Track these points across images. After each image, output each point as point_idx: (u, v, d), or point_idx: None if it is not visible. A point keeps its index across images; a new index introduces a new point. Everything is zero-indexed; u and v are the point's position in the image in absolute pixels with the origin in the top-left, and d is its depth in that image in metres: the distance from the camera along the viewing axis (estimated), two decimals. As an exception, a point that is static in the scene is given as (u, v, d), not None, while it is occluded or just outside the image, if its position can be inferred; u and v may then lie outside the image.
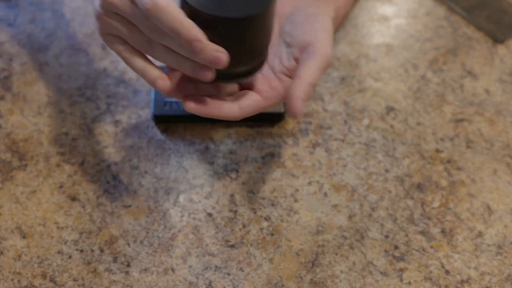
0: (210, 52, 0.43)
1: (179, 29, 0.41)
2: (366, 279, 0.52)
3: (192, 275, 0.52)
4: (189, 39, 0.42)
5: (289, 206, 0.56)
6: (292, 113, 0.47)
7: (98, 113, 0.62)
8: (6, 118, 0.61)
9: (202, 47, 0.42)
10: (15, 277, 0.52)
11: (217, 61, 0.43)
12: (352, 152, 0.60)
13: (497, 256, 0.54)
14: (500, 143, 0.61)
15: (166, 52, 0.45)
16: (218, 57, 0.43)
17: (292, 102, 0.47)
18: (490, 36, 0.70)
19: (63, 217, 0.55)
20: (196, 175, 0.58)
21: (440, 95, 0.64)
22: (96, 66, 0.65)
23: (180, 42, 0.43)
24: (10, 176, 0.57)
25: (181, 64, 0.45)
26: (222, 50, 0.43)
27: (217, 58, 0.43)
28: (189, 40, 0.42)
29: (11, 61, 0.65)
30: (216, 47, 0.43)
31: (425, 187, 0.58)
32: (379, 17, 0.71)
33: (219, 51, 0.43)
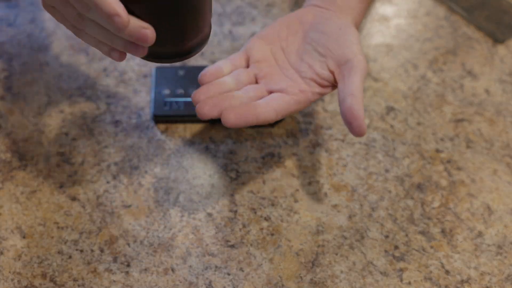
0: (134, 28, 0.42)
1: (98, 2, 0.40)
2: (366, 279, 0.52)
3: (192, 275, 0.52)
4: (108, 13, 0.40)
5: (289, 206, 0.56)
6: (359, 132, 0.49)
7: (98, 113, 0.62)
8: (6, 118, 0.61)
9: (122, 21, 0.40)
10: (15, 277, 0.52)
11: (143, 38, 0.42)
12: (352, 152, 0.60)
13: (497, 256, 0.54)
14: (500, 143, 0.61)
15: (96, 27, 0.44)
16: (144, 34, 0.42)
17: (358, 121, 0.48)
18: (490, 36, 0.70)
19: (63, 217, 0.55)
20: (196, 175, 0.58)
21: (440, 95, 0.65)
22: (96, 66, 0.65)
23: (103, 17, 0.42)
24: (10, 176, 0.57)
25: (112, 40, 0.44)
26: (148, 26, 0.42)
27: (143, 35, 0.42)
28: (108, 14, 0.40)
29: (11, 61, 0.65)
30: (140, 23, 0.42)
31: (425, 187, 0.58)
32: (379, 17, 0.71)
33: (144, 27, 0.42)
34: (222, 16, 0.70)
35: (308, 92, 0.52)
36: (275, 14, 0.71)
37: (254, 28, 0.69)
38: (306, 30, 0.54)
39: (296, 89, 0.52)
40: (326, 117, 0.62)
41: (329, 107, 0.63)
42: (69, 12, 0.45)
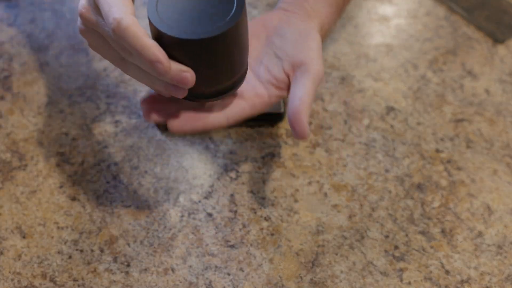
0: (175, 72, 0.43)
1: (140, 50, 0.42)
2: (366, 279, 0.52)
3: (192, 275, 0.52)
4: (150, 60, 0.42)
5: (289, 206, 0.56)
6: (301, 136, 0.48)
7: (98, 113, 0.62)
8: (6, 118, 0.61)
9: (163, 68, 0.42)
10: (15, 277, 0.52)
11: (183, 81, 0.44)
12: (352, 152, 0.60)
13: (497, 256, 0.54)
14: (500, 143, 0.61)
15: (138, 70, 0.46)
16: (184, 77, 0.44)
17: (301, 126, 0.48)
18: (490, 36, 0.70)
19: (63, 217, 0.55)
20: (196, 175, 0.58)
21: (440, 95, 0.65)
22: (96, 66, 0.65)
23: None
24: (10, 176, 0.57)
25: (153, 82, 0.46)
26: (187, 69, 0.44)
27: (183, 78, 0.44)
28: (150, 61, 0.42)
29: (11, 61, 0.65)
30: (181, 67, 0.44)
31: (425, 187, 0.58)
32: (379, 17, 0.71)
33: (184, 70, 0.44)
34: (222, 16, 0.70)
35: (265, 95, 0.52)
36: (275, 14, 0.71)
37: None
38: (269, 35, 0.54)
39: (252, 93, 0.52)
40: (326, 117, 0.62)
41: (329, 107, 0.63)
42: (113, 56, 0.46)
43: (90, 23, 0.45)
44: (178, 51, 0.44)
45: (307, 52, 0.52)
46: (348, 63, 0.67)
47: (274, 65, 0.53)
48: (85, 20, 0.45)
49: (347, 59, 0.67)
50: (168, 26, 0.43)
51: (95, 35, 0.46)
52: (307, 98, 0.49)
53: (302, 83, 0.50)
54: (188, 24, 0.43)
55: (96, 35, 0.46)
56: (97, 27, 0.45)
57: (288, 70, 0.52)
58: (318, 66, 0.51)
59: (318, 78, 0.51)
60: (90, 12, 0.45)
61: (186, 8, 0.44)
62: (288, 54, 0.52)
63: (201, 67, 0.45)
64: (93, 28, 0.46)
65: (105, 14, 0.42)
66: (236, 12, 0.44)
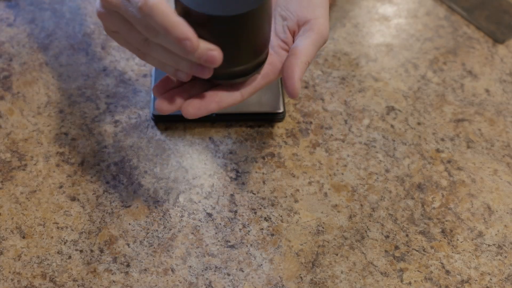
0: (203, 51, 0.42)
1: (169, 27, 0.41)
2: (366, 279, 0.52)
3: (192, 276, 0.52)
4: (178, 38, 0.41)
5: (289, 206, 0.56)
6: (291, 94, 0.47)
7: (98, 113, 0.62)
8: (6, 118, 0.61)
9: (192, 45, 0.41)
10: (15, 277, 0.52)
11: (211, 60, 0.43)
12: (352, 152, 0.60)
13: (497, 256, 0.54)
14: (500, 143, 0.61)
15: (163, 51, 0.45)
16: (212, 56, 0.43)
17: (291, 83, 0.47)
18: (490, 36, 0.70)
19: (63, 217, 0.55)
20: (196, 175, 0.58)
21: (441, 95, 0.64)
22: (96, 66, 0.65)
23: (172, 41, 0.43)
24: (10, 176, 0.57)
25: (178, 62, 0.45)
26: (215, 48, 0.43)
27: (211, 57, 0.43)
28: (179, 39, 0.41)
29: (11, 61, 0.65)
30: (208, 46, 0.43)
31: (425, 187, 0.58)
32: (380, 17, 0.71)
33: (211, 49, 0.43)
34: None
35: (276, 62, 0.50)
36: (275, 14, 0.71)
37: None
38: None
39: None
40: (326, 117, 0.62)
41: (329, 107, 0.63)
42: (135, 38, 0.45)
43: (113, 5, 0.44)
44: (206, 29, 0.43)
45: (313, 10, 0.50)
46: (348, 63, 0.66)
47: (280, 27, 0.51)
48: (107, 2, 0.44)
49: (347, 59, 0.67)
50: (196, 3, 0.43)
51: (116, 18, 0.45)
52: (304, 55, 0.48)
53: (303, 40, 0.48)
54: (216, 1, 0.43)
55: (117, 18, 0.45)
56: (120, 8, 0.44)
57: (293, 29, 0.50)
58: (322, 26, 0.49)
59: (321, 38, 0.49)
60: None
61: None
62: (292, 12, 0.50)
63: (228, 45, 0.44)
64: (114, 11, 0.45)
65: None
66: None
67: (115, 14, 0.46)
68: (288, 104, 0.63)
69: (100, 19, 0.47)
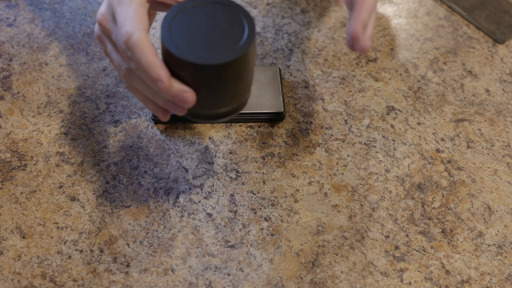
0: (176, 91, 0.44)
1: (145, 66, 0.43)
2: (366, 279, 0.52)
3: (192, 276, 0.52)
4: (152, 78, 0.43)
5: (289, 206, 0.56)
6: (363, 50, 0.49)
7: (98, 113, 0.61)
8: (6, 118, 0.61)
9: (164, 87, 0.43)
10: (15, 277, 0.52)
11: (184, 100, 0.45)
12: (352, 152, 0.60)
13: (497, 256, 0.54)
14: (500, 143, 0.61)
15: (142, 83, 0.47)
16: (185, 97, 0.44)
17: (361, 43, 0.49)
18: (490, 36, 0.70)
19: (63, 217, 0.55)
20: (196, 175, 0.58)
21: (441, 95, 0.64)
22: (96, 66, 0.65)
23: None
24: (10, 176, 0.57)
25: (154, 96, 0.47)
26: (188, 90, 0.44)
27: (184, 98, 0.44)
28: (152, 79, 0.43)
29: (11, 61, 0.65)
30: (182, 87, 0.44)
31: (425, 187, 0.58)
32: (380, 17, 0.71)
33: (185, 91, 0.44)
34: (222, 16, 0.70)
35: None
36: (275, 13, 0.71)
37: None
38: None
39: None
40: (326, 117, 0.62)
41: (329, 107, 0.63)
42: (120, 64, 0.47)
43: (106, 31, 0.47)
44: (182, 71, 0.44)
45: None
46: (348, 63, 0.66)
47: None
48: (102, 28, 0.47)
49: (348, 59, 0.67)
50: (176, 46, 0.44)
51: (109, 43, 0.48)
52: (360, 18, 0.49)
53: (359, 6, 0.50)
54: (197, 46, 0.44)
55: (110, 43, 0.48)
56: (111, 36, 0.46)
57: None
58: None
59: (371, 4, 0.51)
60: (107, 20, 0.46)
61: (199, 29, 0.45)
62: None
63: (202, 90, 0.45)
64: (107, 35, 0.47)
65: (119, 25, 0.44)
66: (245, 42, 0.44)
67: (108, 39, 0.48)
68: (288, 104, 0.63)
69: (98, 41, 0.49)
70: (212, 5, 0.46)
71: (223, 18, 0.45)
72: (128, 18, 0.44)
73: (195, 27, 0.45)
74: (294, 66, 0.66)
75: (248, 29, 0.45)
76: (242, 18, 0.45)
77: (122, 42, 0.44)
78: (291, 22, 0.70)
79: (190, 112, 0.48)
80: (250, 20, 0.45)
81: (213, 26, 0.45)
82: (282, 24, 0.70)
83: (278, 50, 0.67)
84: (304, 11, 0.71)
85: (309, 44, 0.68)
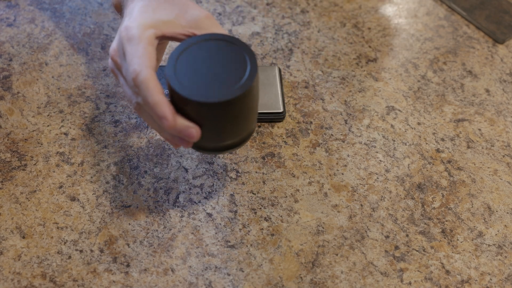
0: (181, 127, 0.46)
1: (151, 104, 0.45)
2: (366, 279, 0.52)
3: (192, 276, 0.52)
4: (157, 115, 0.45)
5: (289, 206, 0.56)
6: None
7: (98, 113, 0.61)
8: (6, 118, 0.61)
9: (168, 124, 0.45)
10: (15, 277, 0.52)
11: (189, 136, 0.46)
12: (352, 152, 0.60)
13: (497, 256, 0.54)
14: (500, 143, 0.61)
15: (150, 117, 0.48)
16: (190, 133, 0.46)
17: None
18: (490, 36, 0.70)
19: (63, 217, 0.55)
20: (196, 175, 0.58)
21: (441, 95, 0.64)
22: (96, 66, 0.65)
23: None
24: (10, 176, 0.57)
25: (161, 131, 0.48)
26: (193, 126, 0.46)
27: (189, 133, 0.46)
28: (158, 116, 0.45)
29: (11, 61, 0.65)
30: (187, 123, 0.46)
31: (425, 187, 0.58)
32: (380, 17, 0.71)
33: (190, 126, 0.46)
34: (222, 15, 0.70)
35: None
36: (275, 13, 0.71)
37: (254, 28, 0.69)
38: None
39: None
40: (326, 117, 0.62)
41: (329, 107, 0.63)
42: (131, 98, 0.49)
43: (117, 66, 0.48)
44: (187, 108, 0.46)
45: None
46: (348, 63, 0.66)
47: None
48: (114, 62, 0.49)
49: (348, 59, 0.67)
50: (181, 84, 0.45)
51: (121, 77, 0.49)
52: None
53: None
54: (201, 84, 0.45)
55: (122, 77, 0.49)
56: (122, 71, 0.48)
57: None
58: None
59: None
60: (118, 56, 0.48)
61: (202, 67, 0.46)
62: None
63: (206, 125, 0.46)
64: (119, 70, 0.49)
65: (128, 62, 0.46)
66: (247, 79, 0.45)
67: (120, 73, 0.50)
68: (288, 104, 0.63)
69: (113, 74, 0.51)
70: (216, 41, 0.47)
71: (226, 54, 0.47)
72: (136, 56, 0.45)
73: (199, 64, 0.46)
74: (294, 66, 0.66)
75: (250, 65, 0.46)
76: (244, 54, 0.47)
77: (130, 79, 0.45)
78: (291, 22, 0.70)
79: (196, 145, 0.50)
80: (252, 56, 0.47)
81: (216, 63, 0.46)
82: (282, 24, 0.70)
83: (278, 50, 0.67)
84: (304, 11, 0.71)
85: (309, 44, 0.68)
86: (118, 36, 0.48)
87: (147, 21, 0.47)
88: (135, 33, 0.46)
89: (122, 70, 0.47)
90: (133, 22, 0.47)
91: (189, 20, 0.48)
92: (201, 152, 0.50)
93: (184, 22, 0.48)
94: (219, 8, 0.70)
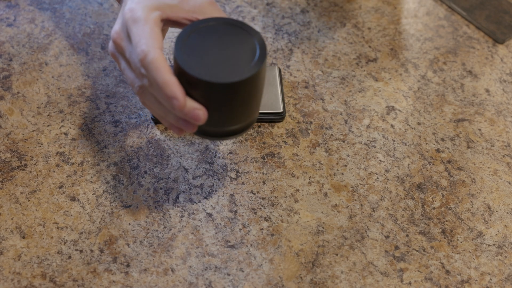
0: (188, 109, 0.45)
1: (161, 84, 0.44)
2: (366, 279, 0.52)
3: (192, 276, 0.52)
4: (168, 96, 0.44)
5: (289, 206, 0.56)
6: None
7: (98, 113, 0.61)
8: (6, 118, 0.61)
9: (179, 105, 0.44)
10: (15, 277, 0.52)
11: (195, 118, 0.45)
12: (352, 152, 0.60)
13: (497, 256, 0.54)
14: (500, 143, 0.61)
15: (155, 101, 0.47)
16: (197, 114, 0.45)
17: None
18: (490, 36, 0.70)
19: (63, 217, 0.55)
20: (196, 175, 0.58)
21: (441, 95, 0.64)
22: (96, 66, 0.65)
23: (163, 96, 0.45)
24: (10, 176, 0.57)
25: (166, 114, 0.47)
26: (200, 107, 0.45)
27: (196, 115, 0.45)
28: (168, 97, 0.44)
29: (11, 61, 0.65)
30: (194, 105, 0.45)
31: (425, 187, 0.58)
32: (380, 17, 0.71)
33: (197, 108, 0.45)
34: (222, 16, 0.70)
35: None
36: (275, 13, 0.71)
37: (254, 28, 0.69)
38: None
39: None
40: (326, 117, 0.62)
41: (329, 107, 0.63)
42: (134, 82, 0.48)
43: (120, 49, 0.48)
44: (194, 89, 0.45)
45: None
46: (348, 63, 0.66)
47: None
48: (116, 45, 0.48)
49: (348, 59, 0.67)
50: (189, 64, 0.45)
51: (123, 60, 0.48)
52: None
53: None
54: (210, 65, 0.45)
55: (124, 60, 0.48)
56: (125, 54, 0.47)
57: None
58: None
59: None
60: (121, 39, 0.47)
61: (211, 49, 0.46)
62: None
63: (213, 108, 0.46)
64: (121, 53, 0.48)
65: (135, 44, 0.45)
66: (256, 62, 0.45)
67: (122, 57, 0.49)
68: (288, 104, 0.63)
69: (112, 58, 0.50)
70: (224, 25, 0.47)
71: (234, 38, 0.46)
72: (143, 37, 0.44)
73: (207, 46, 0.46)
74: (294, 66, 0.66)
75: (260, 49, 0.46)
76: (254, 39, 0.46)
77: (137, 60, 0.45)
78: (291, 22, 0.70)
79: (200, 129, 0.49)
80: (262, 41, 0.46)
81: (225, 46, 0.46)
82: (282, 24, 0.70)
83: (278, 50, 0.67)
84: (304, 11, 0.71)
85: (309, 44, 0.68)
86: (121, 19, 0.47)
87: (152, 3, 0.46)
88: (141, 14, 0.45)
89: (126, 53, 0.47)
90: (137, 4, 0.46)
91: (192, 5, 0.48)
92: (202, 137, 0.49)
93: (188, 7, 0.48)
94: (219, 8, 0.70)
